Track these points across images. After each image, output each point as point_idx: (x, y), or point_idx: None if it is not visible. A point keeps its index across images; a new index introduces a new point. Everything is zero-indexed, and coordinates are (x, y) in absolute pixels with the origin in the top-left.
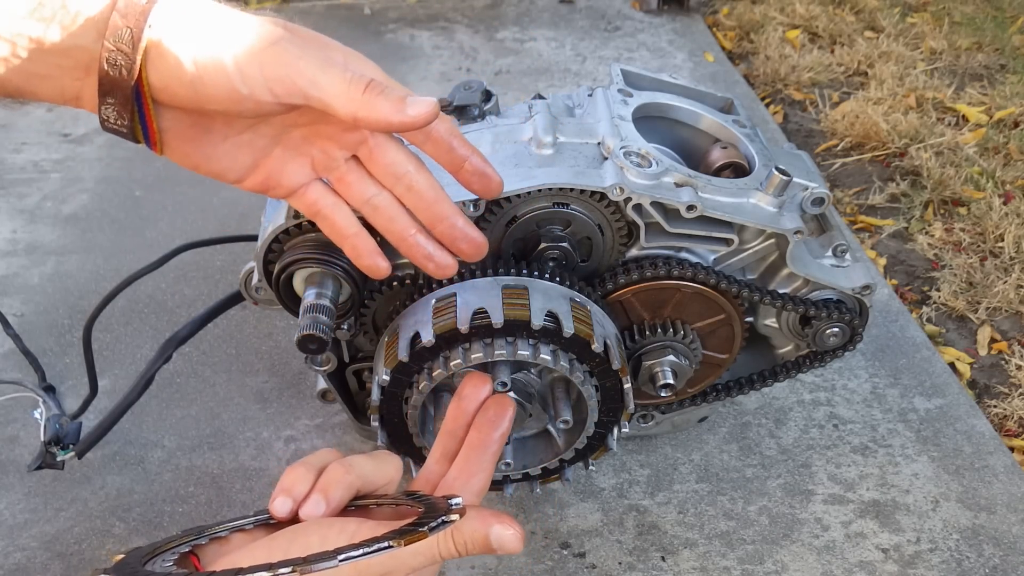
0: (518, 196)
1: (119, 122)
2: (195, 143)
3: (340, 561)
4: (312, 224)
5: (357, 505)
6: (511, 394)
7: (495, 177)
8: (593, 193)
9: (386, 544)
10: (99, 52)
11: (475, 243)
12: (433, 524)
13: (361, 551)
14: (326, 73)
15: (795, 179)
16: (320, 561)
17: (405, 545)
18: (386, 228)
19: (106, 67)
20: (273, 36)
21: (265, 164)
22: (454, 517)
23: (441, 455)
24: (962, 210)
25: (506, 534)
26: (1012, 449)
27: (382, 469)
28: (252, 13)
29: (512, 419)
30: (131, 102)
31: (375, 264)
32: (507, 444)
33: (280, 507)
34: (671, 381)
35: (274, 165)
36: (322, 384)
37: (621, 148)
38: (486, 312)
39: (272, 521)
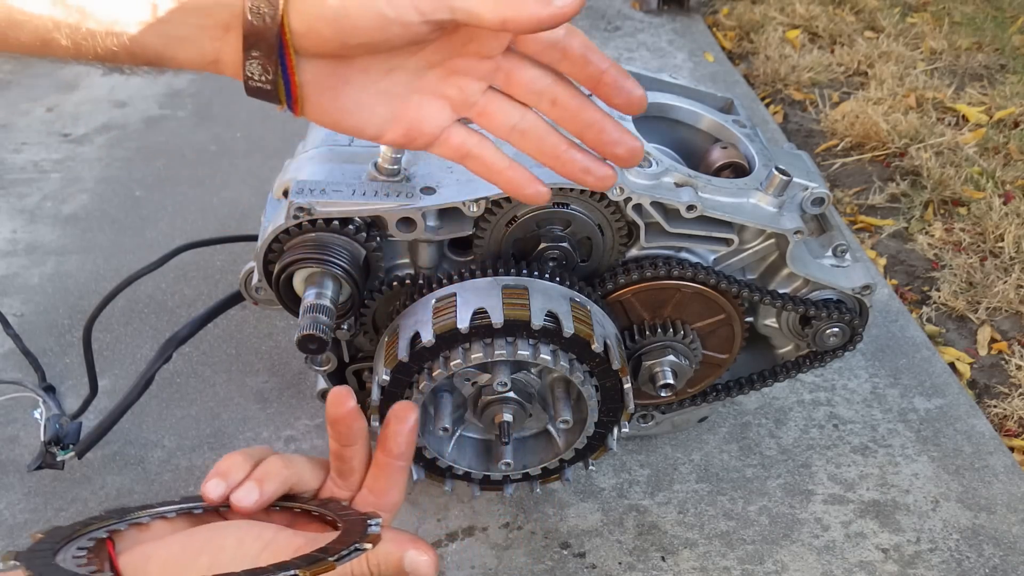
0: None
1: (264, 77)
2: (334, 95)
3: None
4: (312, 224)
5: (283, 506)
6: (510, 394)
7: (637, 89)
8: (593, 193)
9: (291, 573)
10: (241, 4)
11: (630, 147)
12: (344, 552)
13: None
14: None
15: (795, 179)
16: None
17: (310, 575)
18: (538, 149)
19: (250, 17)
20: None
21: (404, 113)
22: (367, 546)
23: (337, 475)
24: (962, 210)
25: (420, 560)
26: (1012, 449)
27: (317, 473)
28: None
29: (414, 424)
30: (275, 53)
31: (537, 191)
32: (507, 444)
33: (213, 489)
34: (671, 381)
35: (413, 113)
36: (322, 384)
37: None
38: (486, 312)
39: (197, 511)
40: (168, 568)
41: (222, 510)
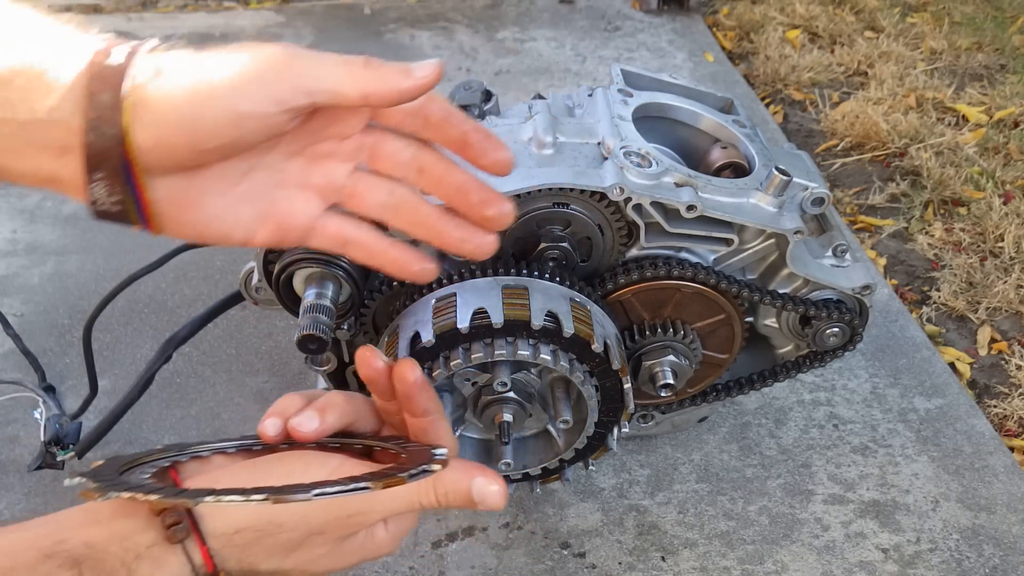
0: (518, 196)
1: (111, 199)
2: (192, 207)
3: (314, 495)
4: None
5: (341, 443)
6: (510, 394)
7: (502, 151)
8: (593, 193)
9: (363, 485)
10: (78, 124)
11: (497, 208)
12: (414, 471)
13: (337, 488)
14: (323, 63)
15: (795, 179)
16: (294, 492)
17: (382, 488)
18: (411, 223)
19: (90, 137)
20: (256, 51)
21: (271, 212)
22: (436, 467)
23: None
24: (962, 210)
25: (489, 489)
26: (1012, 449)
27: (374, 415)
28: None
29: (420, 378)
30: (121, 173)
31: (424, 268)
32: (507, 444)
33: (271, 426)
34: (671, 381)
35: (281, 209)
36: (322, 384)
37: (621, 148)
38: (486, 312)
39: (256, 447)
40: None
41: (281, 448)
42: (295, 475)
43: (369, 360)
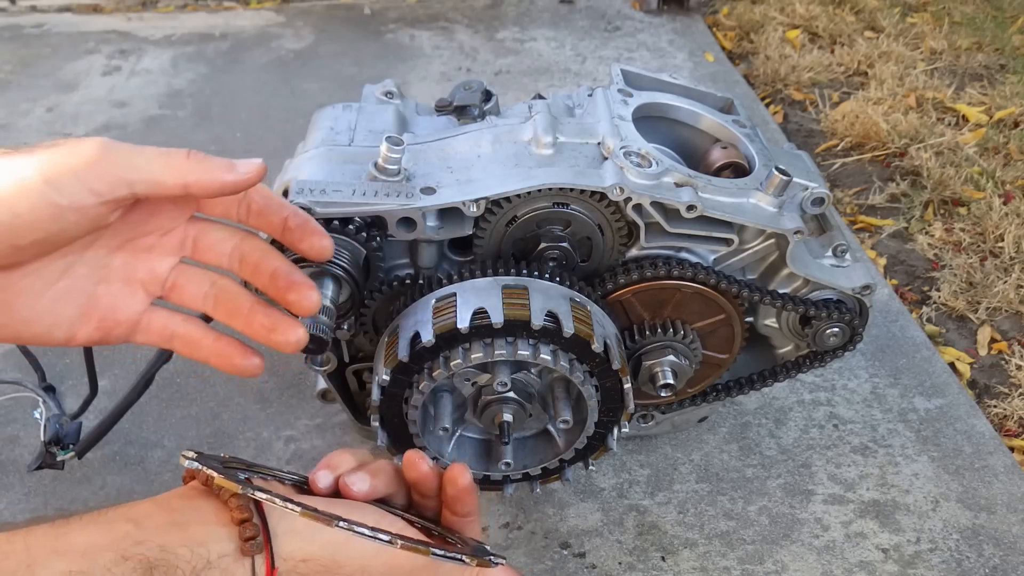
0: (518, 196)
1: None
2: (7, 308)
3: (432, 554)
4: None
5: (402, 515)
6: (510, 394)
7: (321, 238)
8: (593, 193)
9: (461, 558)
10: None
11: (301, 294)
12: (494, 559)
13: (447, 553)
14: (142, 155)
15: (795, 179)
16: (415, 543)
17: (476, 566)
18: (228, 314)
19: None
20: (71, 145)
21: (94, 308)
22: (500, 561)
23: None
24: (962, 210)
25: None
26: (1012, 449)
27: (406, 489)
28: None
29: (470, 482)
30: None
31: (249, 364)
32: (507, 444)
33: (322, 479)
34: (671, 381)
35: (104, 305)
36: (322, 384)
37: (621, 148)
38: (486, 312)
39: (304, 487)
40: (310, 523)
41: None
42: (367, 520)
43: (416, 464)
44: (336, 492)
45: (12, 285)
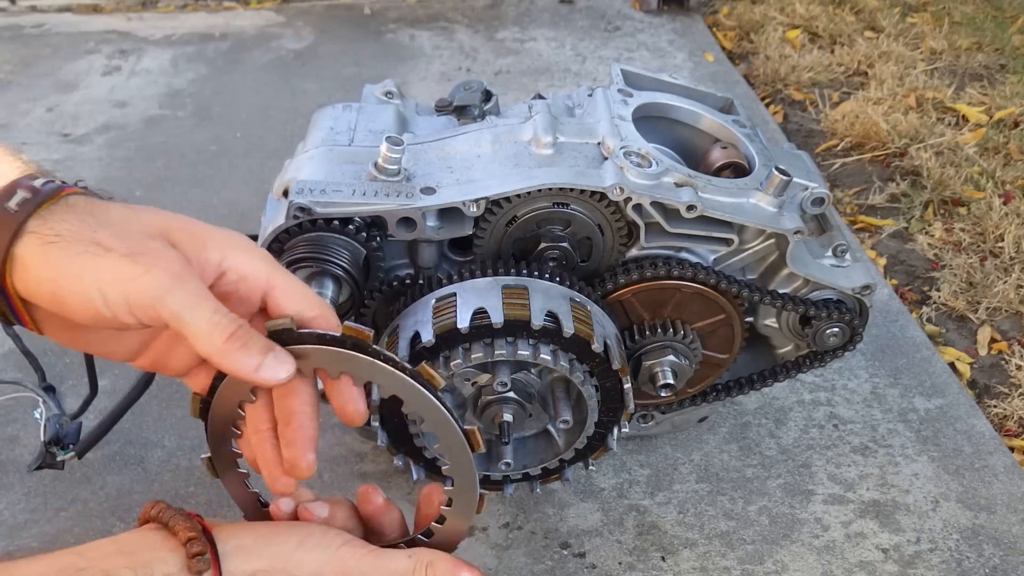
0: (518, 196)
1: None
2: (75, 331)
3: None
4: (312, 223)
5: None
6: (510, 394)
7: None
8: (593, 193)
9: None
10: None
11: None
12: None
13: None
14: (193, 311)
15: (795, 179)
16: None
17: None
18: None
19: None
20: (145, 266)
21: (154, 346)
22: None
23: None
24: (962, 210)
25: None
26: (1012, 449)
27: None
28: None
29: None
30: (1, 289)
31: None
32: (507, 444)
33: (284, 504)
34: (671, 381)
35: (161, 347)
36: (322, 384)
37: (621, 148)
38: (486, 312)
39: (264, 507)
40: (263, 537)
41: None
42: (313, 536)
43: (370, 497)
44: (294, 518)
45: (75, 326)
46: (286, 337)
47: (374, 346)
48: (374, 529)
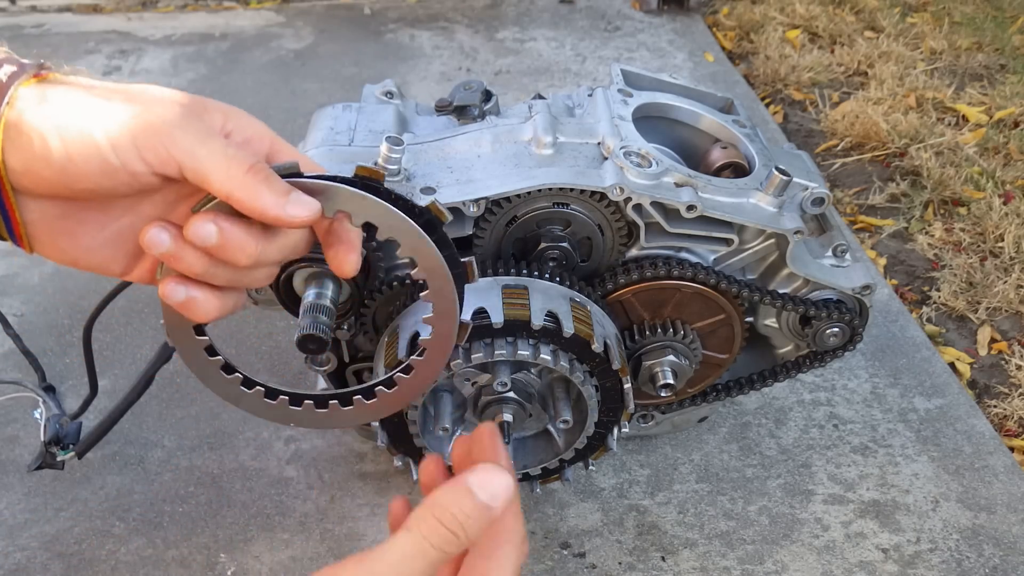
0: (518, 196)
1: None
2: (70, 236)
3: None
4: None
5: None
6: (510, 394)
7: (348, 262)
8: (593, 193)
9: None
10: None
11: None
12: None
13: None
14: (205, 145)
15: (795, 179)
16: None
17: None
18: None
19: None
20: (148, 104)
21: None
22: None
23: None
24: (962, 210)
25: (489, 480)
26: (1012, 449)
27: None
28: (154, 88)
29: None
30: None
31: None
32: (507, 444)
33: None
34: (671, 381)
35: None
36: (322, 384)
37: (621, 148)
38: (486, 312)
39: None
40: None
41: None
42: None
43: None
44: None
45: (76, 214)
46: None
47: (385, 186)
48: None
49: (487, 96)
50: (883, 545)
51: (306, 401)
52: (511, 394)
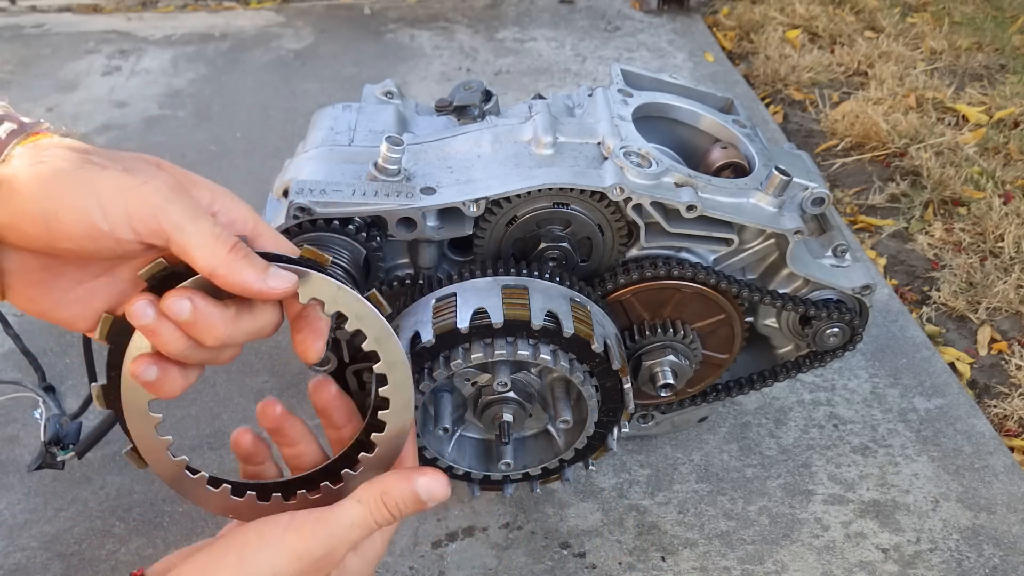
0: (518, 196)
1: None
2: (43, 287)
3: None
4: (312, 224)
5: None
6: (510, 394)
7: (314, 347)
8: (593, 193)
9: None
10: None
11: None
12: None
13: None
14: (195, 222)
15: (795, 179)
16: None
17: None
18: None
19: None
20: (142, 175)
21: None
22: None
23: None
24: (962, 210)
25: (433, 485)
26: (1012, 449)
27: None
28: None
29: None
30: None
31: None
32: (507, 444)
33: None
34: (671, 381)
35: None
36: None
37: (621, 148)
38: (486, 312)
39: None
40: (202, 567)
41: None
42: (251, 543)
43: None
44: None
45: (55, 268)
46: None
47: (329, 268)
48: (331, 423)
49: (487, 96)
50: (883, 545)
51: (249, 492)
52: (511, 394)
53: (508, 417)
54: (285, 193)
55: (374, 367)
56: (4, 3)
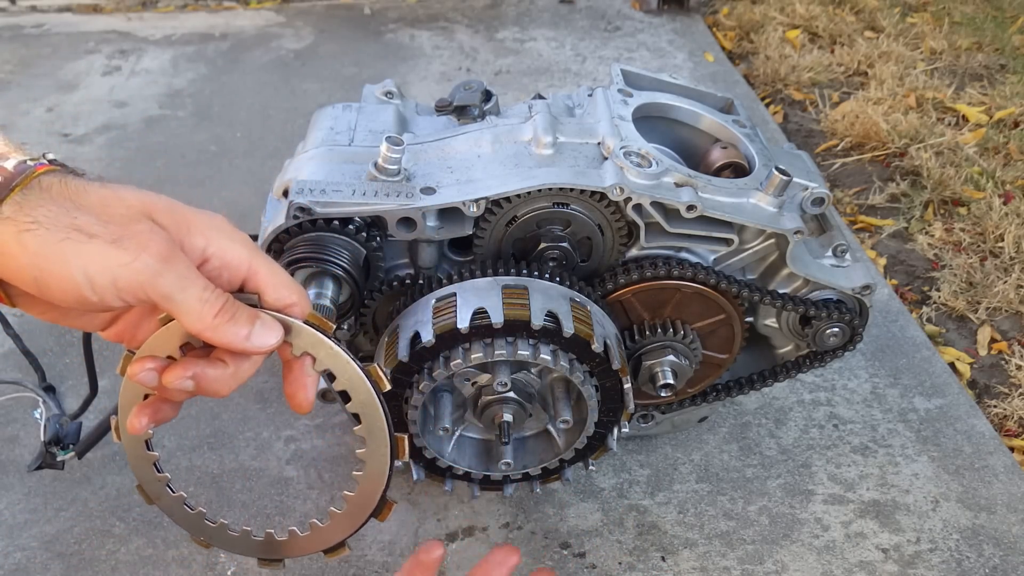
0: (518, 196)
1: None
2: (52, 305)
3: None
4: (312, 223)
5: None
6: (510, 394)
7: (303, 399)
8: (593, 193)
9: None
10: None
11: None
12: None
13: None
14: (183, 291)
15: (795, 179)
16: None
17: None
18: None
19: None
20: (130, 248)
21: (125, 317)
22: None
23: None
24: (962, 210)
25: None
26: (1012, 449)
27: None
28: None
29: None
30: None
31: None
32: (507, 444)
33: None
34: (671, 381)
35: (131, 319)
36: (322, 384)
37: (621, 148)
38: (486, 312)
39: None
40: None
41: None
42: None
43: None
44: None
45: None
46: None
47: (334, 335)
48: None
49: (487, 96)
50: (883, 545)
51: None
52: (511, 394)
53: (508, 417)
54: (285, 193)
55: (354, 429)
56: (4, 3)
